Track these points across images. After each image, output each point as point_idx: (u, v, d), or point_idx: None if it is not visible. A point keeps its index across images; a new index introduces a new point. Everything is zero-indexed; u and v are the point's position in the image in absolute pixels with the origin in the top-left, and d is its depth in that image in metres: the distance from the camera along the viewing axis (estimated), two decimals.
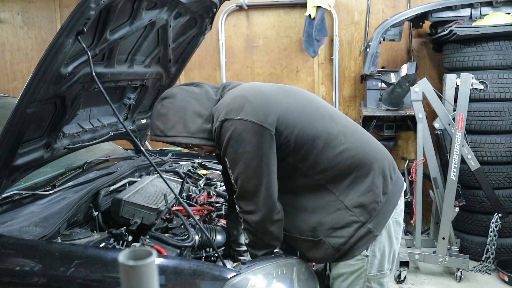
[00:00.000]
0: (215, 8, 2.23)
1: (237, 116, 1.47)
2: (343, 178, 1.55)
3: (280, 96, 1.58)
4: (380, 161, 1.60)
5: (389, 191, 1.59)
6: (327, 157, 1.54)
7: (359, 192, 1.55)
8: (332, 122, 1.60)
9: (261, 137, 1.47)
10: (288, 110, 1.54)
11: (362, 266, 1.57)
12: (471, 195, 3.53)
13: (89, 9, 1.38)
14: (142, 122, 2.59)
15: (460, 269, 3.30)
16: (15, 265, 1.47)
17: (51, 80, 1.48)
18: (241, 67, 4.54)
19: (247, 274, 1.44)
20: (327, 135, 1.55)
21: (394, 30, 3.78)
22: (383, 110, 3.86)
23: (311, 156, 1.54)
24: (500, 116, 3.39)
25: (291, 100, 1.60)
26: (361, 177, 1.56)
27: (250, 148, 1.47)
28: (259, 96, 1.54)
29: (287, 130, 1.51)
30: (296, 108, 1.57)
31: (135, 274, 0.64)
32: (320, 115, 1.60)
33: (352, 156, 1.55)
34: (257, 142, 1.46)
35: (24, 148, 1.62)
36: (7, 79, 4.80)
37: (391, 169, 1.65)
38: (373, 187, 1.55)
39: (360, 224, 1.54)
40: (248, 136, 1.46)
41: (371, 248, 1.56)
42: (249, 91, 1.57)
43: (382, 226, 1.57)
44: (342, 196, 1.55)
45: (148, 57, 2.14)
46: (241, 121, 1.47)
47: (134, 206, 1.83)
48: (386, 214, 1.58)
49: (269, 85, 1.66)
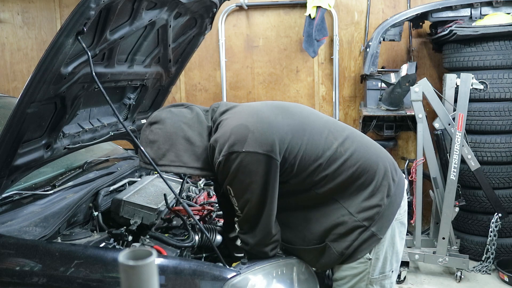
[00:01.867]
0: (215, 8, 2.23)
1: (242, 149, 1.43)
2: (347, 187, 1.55)
3: (279, 119, 1.55)
4: (381, 164, 1.60)
5: (392, 193, 1.59)
6: (329, 173, 1.53)
7: (362, 197, 1.55)
8: (330, 136, 1.58)
9: (266, 166, 1.46)
10: (290, 134, 1.52)
11: (365, 269, 1.57)
12: (471, 195, 3.52)
13: (89, 9, 1.38)
14: (142, 122, 2.59)
15: (460, 269, 3.30)
16: (15, 265, 1.47)
17: (51, 80, 1.48)
18: (241, 67, 4.54)
19: (247, 274, 1.45)
20: (328, 151, 1.54)
21: (394, 30, 3.78)
22: (383, 110, 3.86)
23: (313, 175, 1.54)
24: (500, 116, 3.39)
25: (291, 121, 1.56)
26: (364, 183, 1.56)
27: (257, 178, 1.46)
28: (259, 124, 1.49)
29: (291, 156, 1.51)
30: (297, 130, 1.55)
31: (135, 274, 0.64)
32: (319, 133, 1.58)
33: (353, 165, 1.55)
34: (263, 172, 1.45)
35: (24, 148, 1.62)
36: (7, 79, 4.80)
37: (393, 170, 1.65)
38: (376, 191, 1.56)
39: (363, 228, 1.54)
40: (255, 168, 1.44)
41: (375, 251, 1.56)
42: (248, 118, 1.51)
43: (386, 228, 1.57)
44: (347, 204, 1.55)
45: (148, 57, 2.14)
46: (247, 153, 1.43)
47: (134, 206, 1.83)
48: (389, 216, 1.58)
49: (265, 108, 1.60)
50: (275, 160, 1.47)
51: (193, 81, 4.63)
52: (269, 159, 1.45)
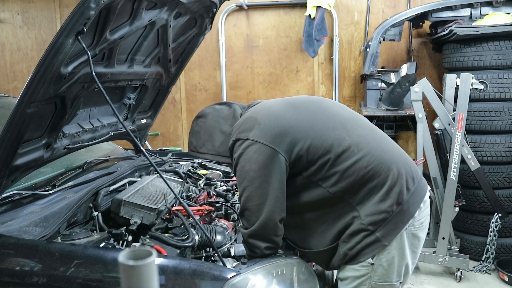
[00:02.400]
0: (215, 8, 2.23)
1: (247, 137, 1.57)
2: (359, 189, 1.55)
3: (289, 114, 1.62)
4: (395, 170, 1.57)
5: (404, 202, 1.55)
6: (340, 169, 1.54)
7: (373, 201, 1.54)
8: (344, 133, 1.59)
9: (267, 158, 1.53)
10: (296, 127, 1.57)
11: (367, 273, 1.56)
12: (471, 195, 3.52)
13: (89, 9, 1.38)
14: (142, 122, 2.59)
15: (460, 269, 3.30)
16: (15, 265, 1.47)
17: (51, 80, 1.48)
18: (241, 67, 4.54)
19: (247, 274, 1.44)
20: (338, 147, 1.55)
21: (394, 30, 3.78)
22: (383, 110, 3.86)
23: (324, 169, 1.55)
24: (500, 116, 3.39)
25: (300, 116, 1.62)
26: (376, 187, 1.54)
27: (256, 167, 1.53)
28: (267, 117, 1.61)
29: (297, 147, 1.55)
30: (305, 124, 1.59)
31: (135, 274, 0.64)
32: (331, 127, 1.60)
33: (366, 167, 1.54)
34: (262, 162, 1.53)
35: (24, 148, 1.62)
36: (7, 79, 4.80)
37: (409, 178, 1.60)
38: (387, 196, 1.53)
39: (368, 232, 1.53)
40: (255, 156, 1.54)
41: (378, 257, 1.54)
42: (259, 112, 1.65)
43: (393, 236, 1.54)
44: (359, 206, 1.55)
45: (148, 57, 2.14)
46: (250, 142, 1.55)
47: (134, 206, 1.83)
48: (398, 225, 1.54)
49: (280, 104, 1.71)
50: (276, 152, 1.53)
51: (193, 81, 4.63)
52: (270, 150, 1.53)
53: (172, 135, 4.77)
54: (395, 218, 1.54)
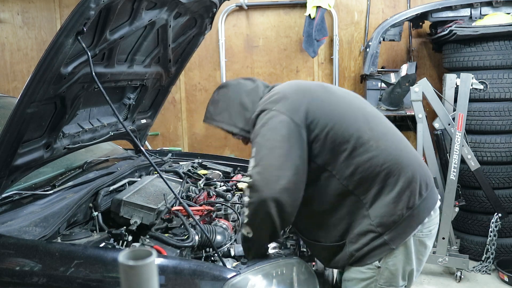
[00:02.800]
0: (215, 8, 2.23)
1: (272, 108, 1.56)
2: (371, 186, 1.52)
3: (316, 94, 1.63)
4: (410, 173, 1.54)
5: (414, 207, 1.53)
6: (355, 162, 1.52)
7: (384, 202, 1.51)
8: (365, 126, 1.57)
9: (290, 131, 1.50)
10: (320, 106, 1.57)
11: (373, 276, 1.55)
12: (471, 195, 3.52)
13: (89, 9, 1.38)
14: (142, 122, 2.59)
15: (460, 269, 3.30)
16: (15, 265, 1.47)
17: (51, 80, 1.48)
18: (241, 67, 4.54)
19: (247, 274, 1.44)
20: (357, 139, 1.53)
21: (394, 30, 3.78)
22: (383, 110, 3.86)
23: (340, 158, 1.52)
24: (500, 116, 3.39)
25: (326, 98, 1.63)
26: (388, 187, 1.52)
27: (277, 137, 1.50)
28: (295, 93, 1.61)
29: (317, 129, 1.53)
30: (329, 106, 1.59)
31: (135, 274, 0.64)
32: (353, 117, 1.58)
33: (381, 165, 1.52)
34: (285, 134, 1.49)
35: (24, 148, 1.62)
36: (7, 79, 4.80)
37: (422, 183, 1.57)
38: (398, 199, 1.51)
39: (376, 234, 1.51)
40: (279, 126, 1.51)
41: (385, 260, 1.53)
42: (287, 89, 1.66)
43: (401, 240, 1.52)
44: (369, 204, 1.52)
45: (148, 57, 2.14)
46: (275, 112, 1.54)
47: (134, 206, 1.83)
48: (406, 229, 1.52)
49: (309, 83, 1.73)
50: (299, 127, 1.51)
51: (193, 81, 4.63)
52: (294, 124, 1.51)
53: (172, 135, 4.77)
54: (404, 222, 1.51)
